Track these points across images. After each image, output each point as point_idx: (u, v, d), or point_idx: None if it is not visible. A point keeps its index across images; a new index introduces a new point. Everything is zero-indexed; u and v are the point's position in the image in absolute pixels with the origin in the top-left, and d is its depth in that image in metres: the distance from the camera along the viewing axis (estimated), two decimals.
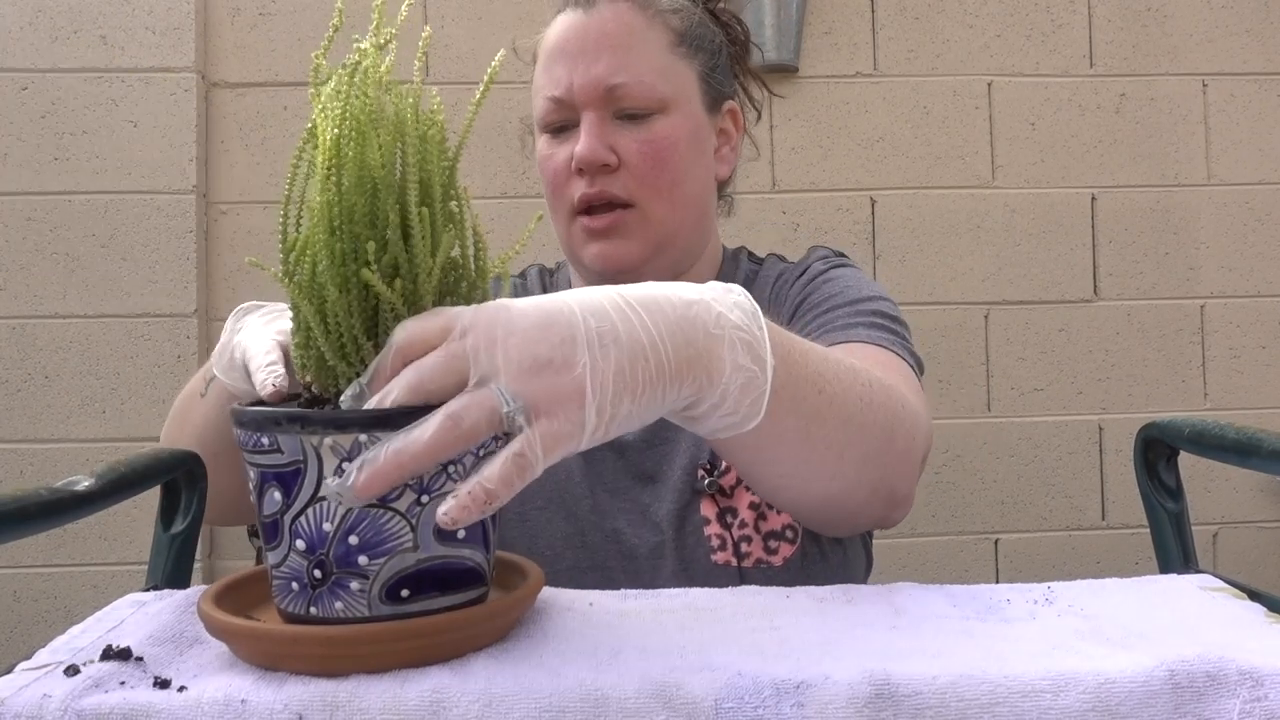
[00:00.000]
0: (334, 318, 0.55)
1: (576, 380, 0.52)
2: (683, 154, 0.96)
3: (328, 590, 0.53)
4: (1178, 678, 0.48)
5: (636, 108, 0.95)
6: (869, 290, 0.98)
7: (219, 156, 2.00)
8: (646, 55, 0.95)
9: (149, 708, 0.48)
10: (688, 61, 0.98)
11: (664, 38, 0.97)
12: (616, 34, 0.95)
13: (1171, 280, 2.08)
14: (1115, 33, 2.08)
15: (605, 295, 0.55)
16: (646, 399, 0.54)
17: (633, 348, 0.53)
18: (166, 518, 0.75)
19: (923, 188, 2.05)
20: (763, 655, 0.52)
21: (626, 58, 0.94)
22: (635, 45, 0.95)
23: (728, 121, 1.04)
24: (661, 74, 0.96)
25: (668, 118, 0.96)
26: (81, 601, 1.90)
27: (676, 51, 0.97)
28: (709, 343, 0.56)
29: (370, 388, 0.54)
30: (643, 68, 0.95)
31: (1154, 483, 0.76)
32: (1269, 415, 2.06)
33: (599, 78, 0.94)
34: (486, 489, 0.50)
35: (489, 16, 2.03)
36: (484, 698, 0.48)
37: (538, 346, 0.52)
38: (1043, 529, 2.05)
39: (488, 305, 0.54)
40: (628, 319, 0.54)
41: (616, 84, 0.94)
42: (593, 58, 0.94)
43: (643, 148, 0.94)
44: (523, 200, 2.00)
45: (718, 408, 0.58)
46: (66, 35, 1.94)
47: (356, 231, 0.55)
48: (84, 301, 1.93)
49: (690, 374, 0.55)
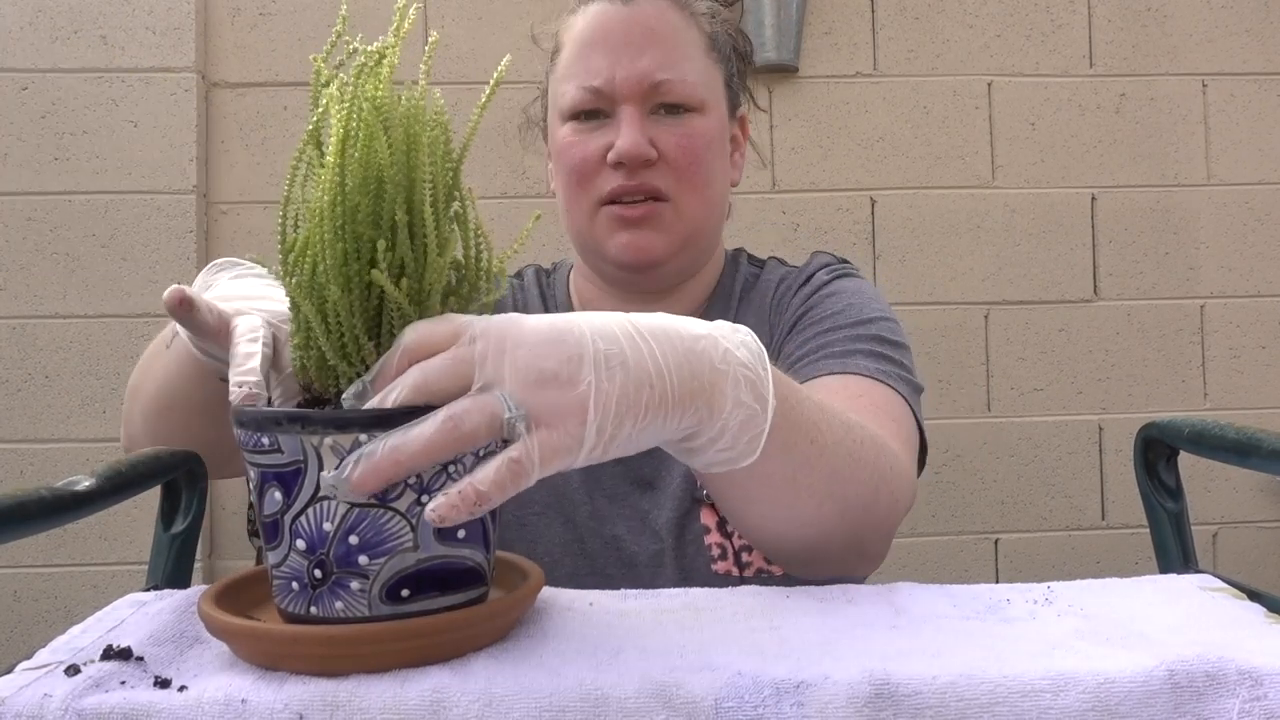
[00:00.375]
0: (335, 317, 0.55)
1: (580, 397, 0.52)
2: (715, 153, 0.98)
3: (328, 590, 0.53)
4: (1177, 677, 0.48)
5: (679, 103, 0.95)
6: (872, 309, 0.97)
7: (219, 156, 2.00)
8: (690, 54, 0.96)
9: (149, 707, 0.48)
10: (717, 66, 1.00)
11: (700, 39, 0.98)
12: (661, 30, 0.95)
13: (1171, 280, 2.08)
14: (1115, 33, 2.08)
15: (616, 321, 0.56)
16: (647, 424, 0.54)
17: (639, 373, 0.54)
18: (167, 518, 0.75)
19: (923, 188, 2.05)
20: (763, 655, 0.52)
21: (672, 54, 0.95)
22: (680, 43, 0.96)
23: (738, 129, 1.06)
24: (701, 73, 0.97)
25: (703, 117, 0.96)
26: (82, 601, 1.90)
27: (710, 55, 0.99)
28: (714, 376, 0.56)
29: (374, 386, 0.54)
30: (686, 66, 0.95)
31: (1154, 483, 0.76)
32: (1269, 415, 2.06)
33: (645, 72, 0.94)
34: (478, 490, 0.50)
35: (489, 16, 2.03)
36: (484, 697, 0.48)
37: (545, 360, 0.52)
38: (1042, 529, 2.05)
39: (499, 316, 0.55)
40: (636, 346, 0.54)
41: (662, 79, 0.94)
42: (637, 50, 0.94)
43: (681, 142, 0.95)
44: (522, 200, 2.00)
45: (715, 441, 0.58)
46: (67, 35, 1.94)
47: (360, 231, 0.55)
48: (84, 301, 1.93)
49: (692, 405, 0.56)
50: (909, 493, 0.77)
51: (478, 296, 0.60)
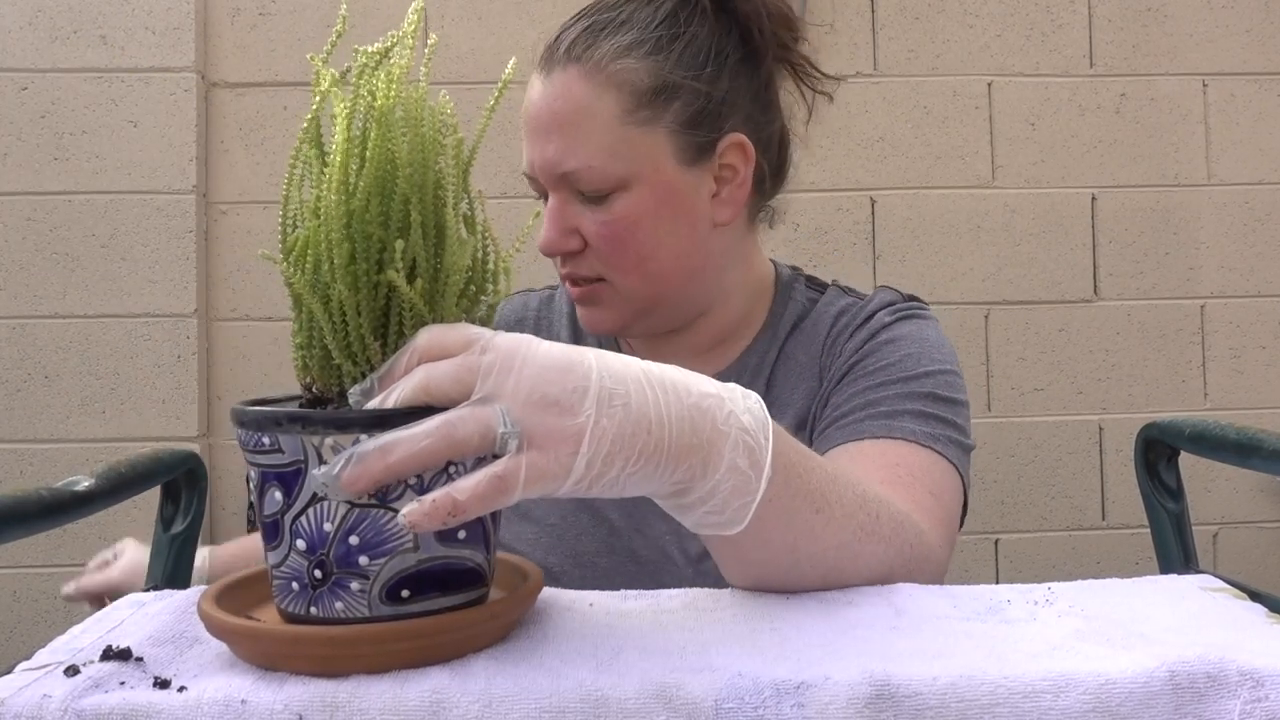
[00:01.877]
0: (340, 316, 0.55)
1: (577, 427, 0.52)
2: (647, 230, 0.91)
3: (328, 590, 0.53)
4: (1178, 678, 0.48)
5: (593, 190, 0.90)
6: (931, 360, 0.93)
7: (219, 156, 2.00)
8: (594, 134, 0.88)
9: (149, 708, 0.47)
10: (651, 125, 0.89)
11: (615, 107, 0.88)
12: (564, 113, 0.89)
13: (1171, 280, 2.08)
14: (1115, 33, 2.08)
15: (627, 365, 0.55)
16: (638, 470, 0.54)
17: (638, 416, 0.53)
18: (166, 518, 0.75)
19: (923, 188, 2.05)
20: (763, 655, 0.52)
21: (574, 141, 0.89)
22: (582, 123, 0.89)
23: (732, 156, 0.93)
24: (612, 153, 0.88)
25: (629, 194, 0.89)
26: (81, 602, 1.90)
27: (634, 118, 0.89)
28: (713, 435, 0.56)
29: (381, 383, 0.54)
30: (591, 149, 0.88)
31: (1155, 483, 0.76)
32: (1269, 415, 2.06)
33: (551, 162, 0.89)
34: (455, 500, 0.50)
35: (489, 17, 2.03)
36: (484, 698, 0.48)
37: (550, 386, 0.52)
38: (1043, 529, 2.05)
39: (514, 335, 0.54)
40: (642, 390, 0.54)
41: (566, 171, 0.89)
42: (545, 138, 0.90)
43: (601, 230, 0.90)
44: (522, 200, 1.99)
45: (704, 502, 0.57)
46: (66, 35, 1.94)
47: (369, 230, 0.55)
48: (84, 301, 1.93)
49: (686, 461, 0.55)
50: (931, 572, 0.73)
51: (485, 297, 0.60)
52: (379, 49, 0.57)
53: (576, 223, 0.91)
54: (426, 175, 0.56)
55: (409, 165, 0.55)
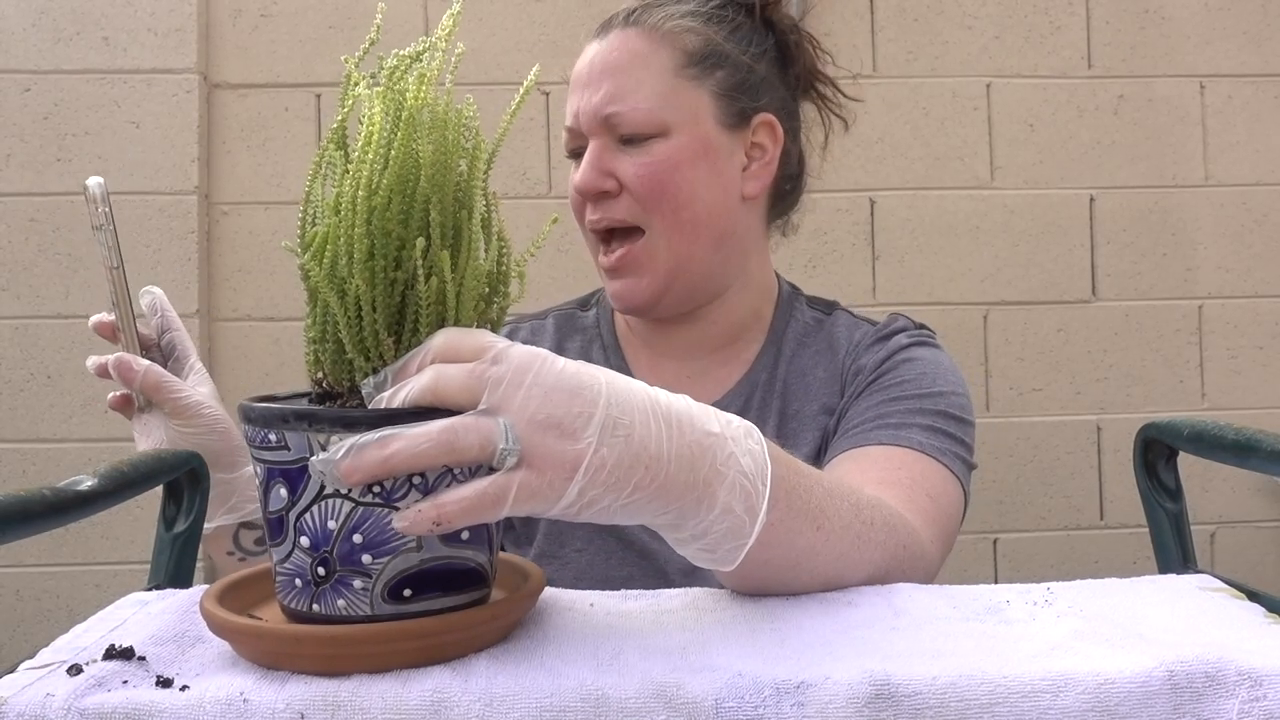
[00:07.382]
0: (355, 311, 0.55)
1: (576, 454, 0.52)
2: (686, 175, 0.95)
3: (331, 588, 0.53)
4: (1176, 678, 0.49)
5: (635, 133, 0.95)
6: (942, 382, 0.97)
7: (221, 158, 2.00)
8: (647, 80, 0.95)
9: (151, 707, 0.48)
10: (698, 82, 0.96)
11: (670, 60, 0.96)
12: (618, 61, 0.96)
13: (1169, 281, 2.08)
14: (1113, 34, 2.08)
15: (637, 394, 0.55)
16: (630, 502, 0.54)
17: (638, 451, 0.53)
18: (169, 517, 0.75)
19: (922, 188, 2.06)
20: (763, 655, 0.53)
21: (624, 84, 0.95)
22: (636, 70, 0.95)
23: (763, 135, 1.00)
24: (662, 98, 0.95)
25: (668, 140, 0.95)
26: (84, 601, 1.90)
27: (685, 73, 0.96)
28: (710, 475, 0.56)
29: (394, 377, 0.54)
30: (642, 93, 0.94)
31: (1153, 483, 0.76)
32: (1267, 415, 2.06)
33: (596, 106, 0.95)
34: (441, 511, 0.51)
35: (489, 18, 2.03)
36: (485, 698, 0.48)
37: (555, 407, 0.52)
38: (1041, 529, 2.05)
39: (529, 349, 0.54)
40: (647, 424, 0.54)
41: (611, 112, 0.95)
42: (595, 87, 0.96)
43: (640, 170, 0.94)
44: (522, 201, 2.00)
45: (697, 539, 0.58)
46: (69, 37, 1.95)
47: (389, 228, 0.55)
48: (86, 302, 1.93)
49: (680, 499, 0.55)
50: (924, 571, 0.75)
51: (497, 299, 0.60)
52: (412, 52, 0.58)
53: (613, 166, 0.95)
54: (448, 177, 0.56)
55: (432, 166, 0.55)
